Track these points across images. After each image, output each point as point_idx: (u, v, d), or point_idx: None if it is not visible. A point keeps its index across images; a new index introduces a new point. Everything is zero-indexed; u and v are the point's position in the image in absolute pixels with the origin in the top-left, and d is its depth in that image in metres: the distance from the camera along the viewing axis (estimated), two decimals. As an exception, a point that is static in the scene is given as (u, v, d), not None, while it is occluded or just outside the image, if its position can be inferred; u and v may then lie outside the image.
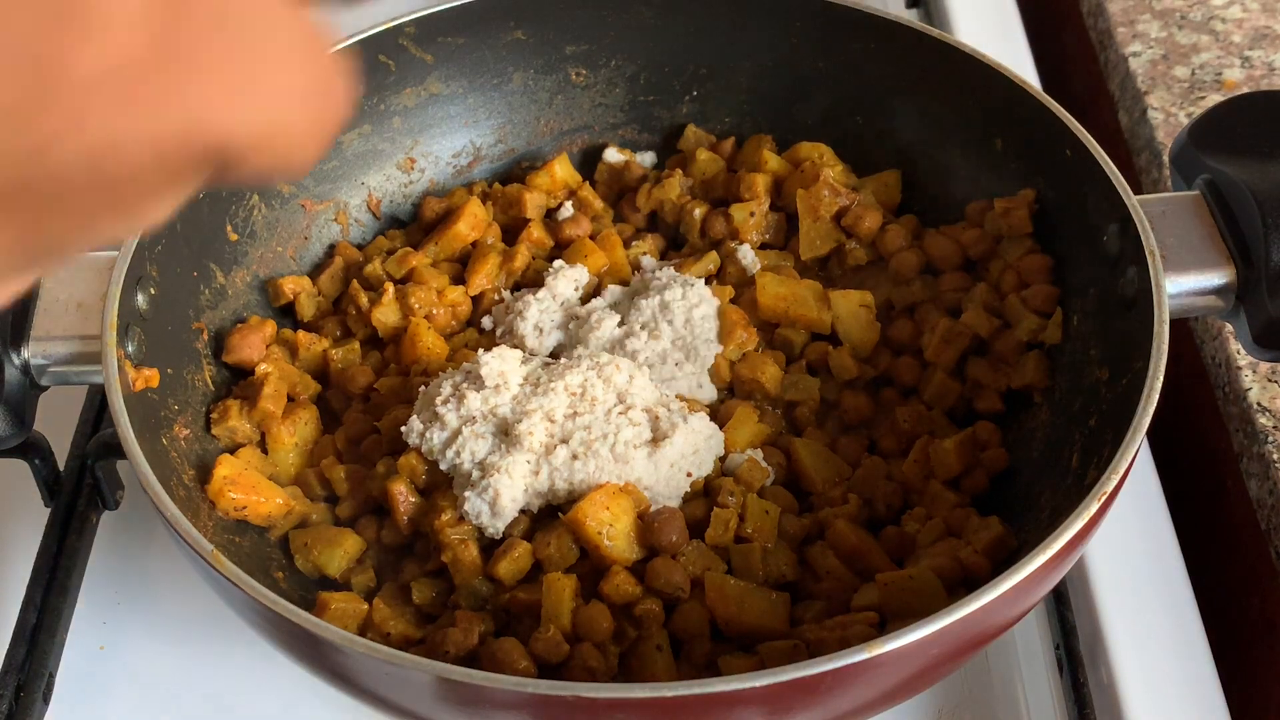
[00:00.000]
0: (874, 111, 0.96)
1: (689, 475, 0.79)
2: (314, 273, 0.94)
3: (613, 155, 0.99)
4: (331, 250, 0.95)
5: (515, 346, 0.87)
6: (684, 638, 0.74)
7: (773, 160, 0.96)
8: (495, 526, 0.77)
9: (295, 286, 0.91)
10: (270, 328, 0.88)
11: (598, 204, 0.97)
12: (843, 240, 0.92)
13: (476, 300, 0.92)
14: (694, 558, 0.75)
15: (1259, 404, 0.88)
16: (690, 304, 0.87)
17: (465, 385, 0.81)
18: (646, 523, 0.76)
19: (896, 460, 0.83)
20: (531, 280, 0.93)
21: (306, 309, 0.91)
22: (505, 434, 0.79)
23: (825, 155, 0.95)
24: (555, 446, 0.78)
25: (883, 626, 0.72)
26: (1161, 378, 0.70)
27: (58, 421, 0.89)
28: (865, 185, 0.95)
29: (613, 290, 0.91)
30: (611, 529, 0.75)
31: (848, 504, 0.80)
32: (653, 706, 0.61)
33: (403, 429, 0.81)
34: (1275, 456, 0.85)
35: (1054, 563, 0.64)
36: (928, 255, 0.90)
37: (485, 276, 0.92)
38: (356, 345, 0.90)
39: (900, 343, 0.88)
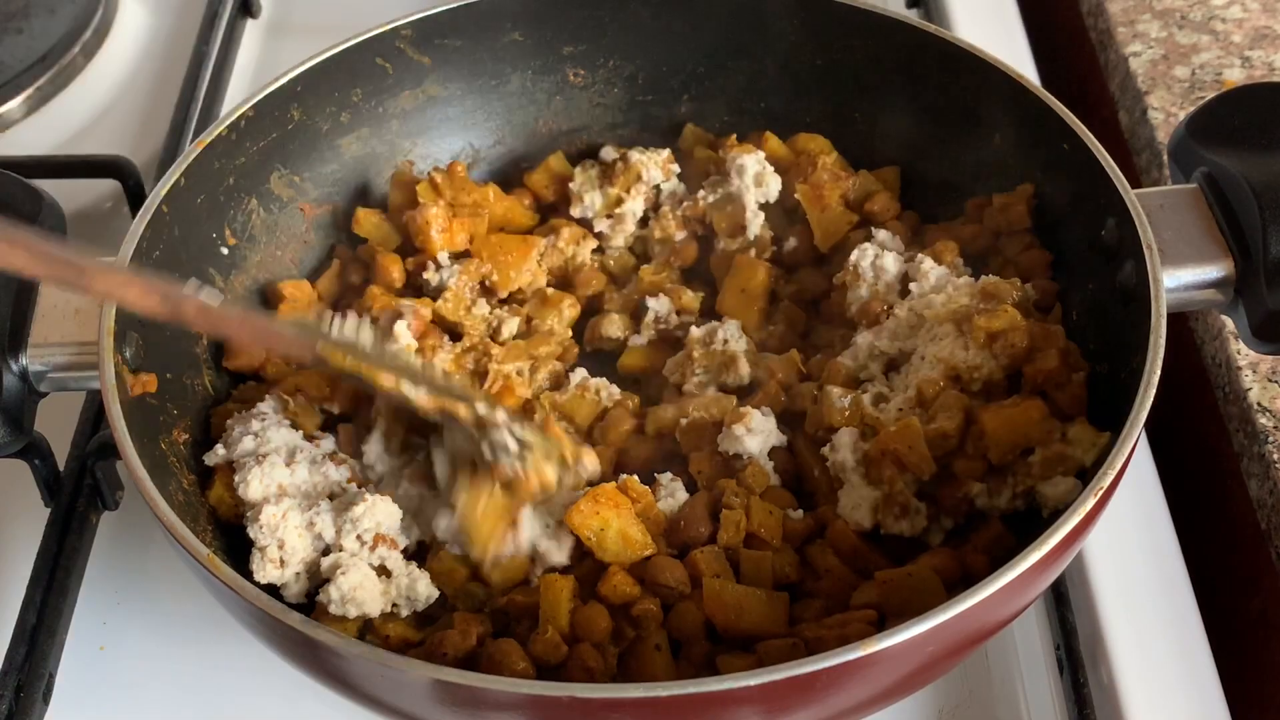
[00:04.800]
0: (873, 109, 0.96)
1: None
2: (313, 276, 0.94)
3: (609, 154, 0.99)
4: (330, 252, 0.95)
5: None
6: (682, 638, 0.74)
7: (773, 141, 0.95)
8: None
9: (294, 291, 0.91)
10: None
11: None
12: (854, 219, 0.92)
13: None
14: (709, 558, 0.75)
15: (1259, 404, 0.88)
16: None
17: None
18: (673, 524, 0.76)
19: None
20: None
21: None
22: None
23: (822, 146, 0.95)
24: None
25: (882, 624, 0.71)
26: (1159, 371, 0.70)
27: (58, 422, 0.89)
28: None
29: None
30: (603, 533, 0.75)
31: None
32: (648, 706, 0.61)
33: None
34: (1275, 456, 0.85)
35: (1050, 558, 0.64)
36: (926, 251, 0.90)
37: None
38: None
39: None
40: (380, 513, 0.76)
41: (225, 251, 0.88)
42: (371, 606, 0.74)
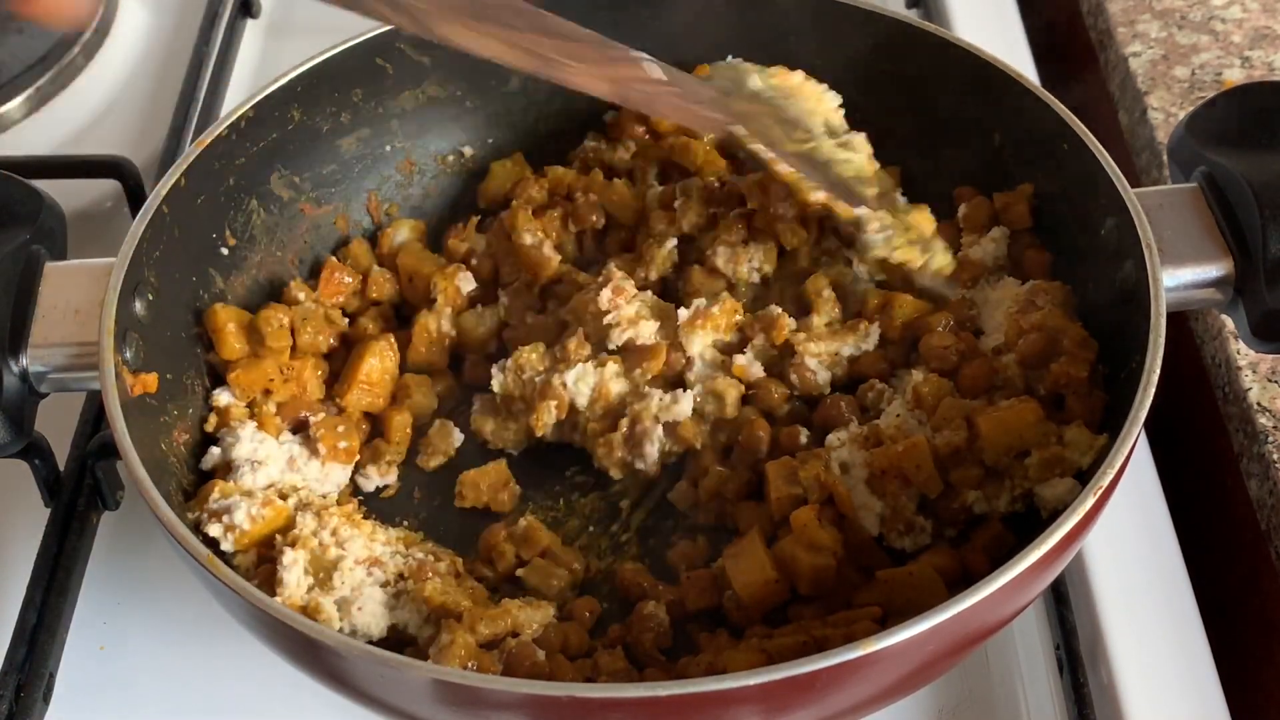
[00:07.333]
0: (872, 109, 0.95)
1: None
2: (314, 276, 0.94)
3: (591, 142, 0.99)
4: (331, 252, 0.95)
5: None
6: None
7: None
8: None
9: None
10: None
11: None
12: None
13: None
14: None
15: (1259, 404, 0.88)
16: None
17: None
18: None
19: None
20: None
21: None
22: None
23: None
24: None
25: (883, 623, 0.71)
26: (1159, 371, 0.70)
27: (58, 421, 0.89)
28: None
29: None
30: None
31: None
32: (648, 706, 0.61)
33: None
34: (1275, 456, 0.85)
35: (1050, 558, 0.64)
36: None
37: None
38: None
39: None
40: (360, 546, 0.76)
41: (225, 252, 0.88)
42: (379, 624, 0.75)
